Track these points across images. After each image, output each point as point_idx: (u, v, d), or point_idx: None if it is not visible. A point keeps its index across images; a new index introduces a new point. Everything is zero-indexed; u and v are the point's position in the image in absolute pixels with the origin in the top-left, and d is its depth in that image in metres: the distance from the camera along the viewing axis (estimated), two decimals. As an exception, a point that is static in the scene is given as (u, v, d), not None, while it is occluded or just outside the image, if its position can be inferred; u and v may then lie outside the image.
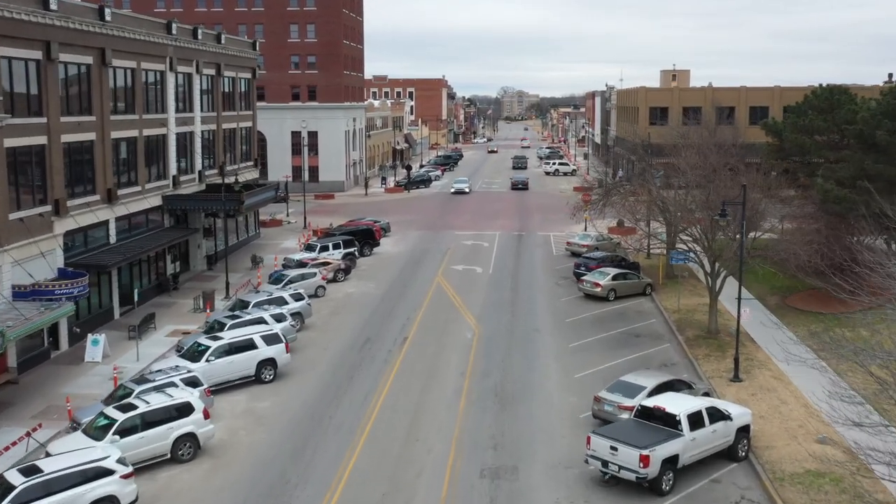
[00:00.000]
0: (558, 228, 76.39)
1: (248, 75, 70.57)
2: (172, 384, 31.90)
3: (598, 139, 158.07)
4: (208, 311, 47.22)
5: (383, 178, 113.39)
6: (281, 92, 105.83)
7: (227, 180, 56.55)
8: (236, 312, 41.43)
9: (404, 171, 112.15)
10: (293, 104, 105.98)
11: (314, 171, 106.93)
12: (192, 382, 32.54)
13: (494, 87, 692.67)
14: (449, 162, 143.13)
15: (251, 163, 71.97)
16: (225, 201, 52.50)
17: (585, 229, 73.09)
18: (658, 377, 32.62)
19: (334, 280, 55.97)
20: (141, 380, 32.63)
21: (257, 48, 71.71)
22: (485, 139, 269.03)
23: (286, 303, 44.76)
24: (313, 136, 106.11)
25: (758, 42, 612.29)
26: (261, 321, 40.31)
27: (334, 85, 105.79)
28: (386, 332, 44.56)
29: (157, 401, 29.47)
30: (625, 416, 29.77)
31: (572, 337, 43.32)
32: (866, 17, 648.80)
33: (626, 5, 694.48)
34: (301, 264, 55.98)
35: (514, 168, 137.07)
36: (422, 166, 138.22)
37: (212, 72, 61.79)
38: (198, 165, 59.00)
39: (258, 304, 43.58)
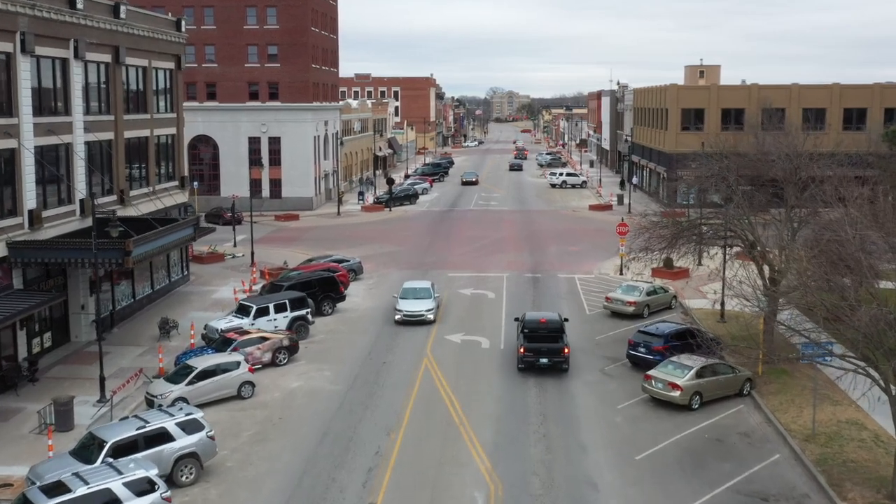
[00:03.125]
0: (584, 266, 58.39)
1: (170, 64, 52.28)
2: None
3: (605, 144, 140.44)
4: (50, 440, 28.99)
5: (360, 193, 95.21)
6: (236, 89, 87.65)
7: (130, 210, 38.72)
8: (64, 477, 23.14)
9: (386, 183, 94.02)
10: (251, 104, 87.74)
11: (276, 184, 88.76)
12: None
13: (482, 88, 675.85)
14: (438, 171, 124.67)
15: (176, 183, 53.67)
16: (99, 252, 34.19)
17: (621, 272, 55.18)
18: None
19: (273, 363, 37.91)
20: None
21: (182, 28, 53.36)
22: (475, 142, 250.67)
23: (171, 438, 26.60)
24: (275, 142, 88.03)
25: (736, 44, 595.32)
26: (105, 498, 22.17)
27: (300, 81, 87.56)
28: (339, 487, 26.40)
29: None
30: None
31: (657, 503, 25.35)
32: (843, 20, 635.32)
33: (612, 6, 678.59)
34: (225, 341, 37.77)
35: (515, 158, 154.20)
36: (407, 176, 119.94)
37: (104, 58, 43.51)
38: (80, 192, 40.76)
39: (118, 450, 25.38)
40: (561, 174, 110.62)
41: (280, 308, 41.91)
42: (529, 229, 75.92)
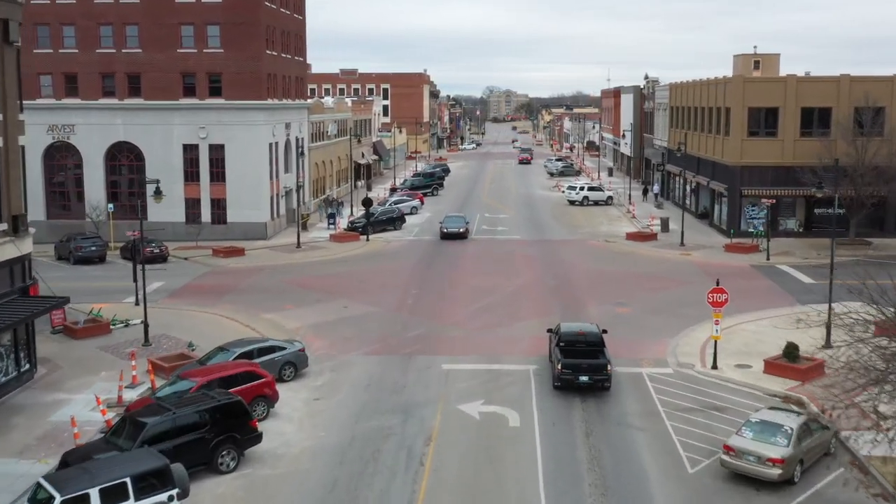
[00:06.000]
0: (648, 347, 38.13)
1: (-16, 35, 32.01)
2: None
3: (626, 149, 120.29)
4: None
5: (331, 216, 74.76)
6: (167, 83, 67.28)
7: None
8: None
9: (362, 205, 73.45)
10: (186, 102, 67.40)
11: (219, 206, 68.46)
12: None
13: (478, 88, 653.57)
14: (431, 183, 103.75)
15: (3, 227, 33.31)
16: None
17: (714, 363, 34.90)
18: None
19: None
20: None
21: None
22: (473, 144, 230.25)
23: None
24: (218, 150, 67.82)
25: (730, 45, 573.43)
26: None
27: (250, 71, 67.22)
28: None
29: None
30: None
31: None
32: (830, 20, 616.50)
33: (610, 7, 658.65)
34: None
35: (521, 153, 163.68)
36: (393, 190, 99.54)
37: None
38: None
39: None
40: (581, 188, 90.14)
41: (113, 495, 21.54)
42: (554, 272, 55.54)
